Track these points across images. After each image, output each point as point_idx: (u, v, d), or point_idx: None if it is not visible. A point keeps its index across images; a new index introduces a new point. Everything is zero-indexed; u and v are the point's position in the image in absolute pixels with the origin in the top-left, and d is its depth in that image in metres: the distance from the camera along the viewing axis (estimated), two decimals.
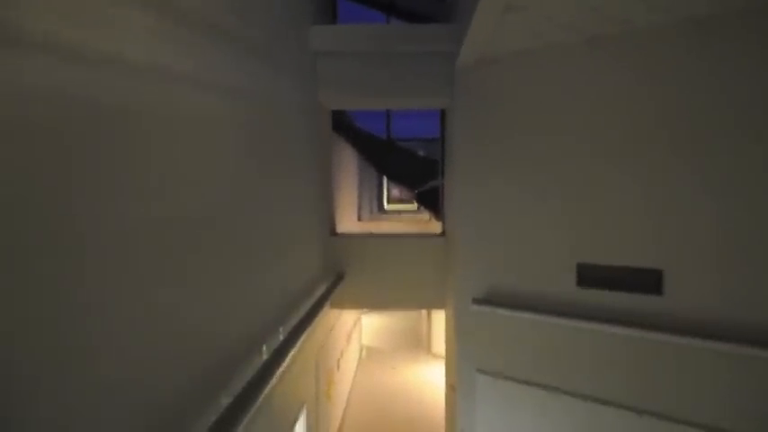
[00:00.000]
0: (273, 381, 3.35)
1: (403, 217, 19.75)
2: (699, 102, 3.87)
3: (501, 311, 5.02)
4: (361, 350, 13.87)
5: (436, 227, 8.67)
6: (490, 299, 5.17)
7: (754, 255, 3.71)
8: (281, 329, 4.18)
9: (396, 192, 25.83)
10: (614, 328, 4.28)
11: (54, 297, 1.58)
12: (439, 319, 12.06)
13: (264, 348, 3.74)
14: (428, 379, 11.84)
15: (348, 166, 12.11)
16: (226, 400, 2.89)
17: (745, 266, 3.75)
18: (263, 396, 3.11)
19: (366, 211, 16.92)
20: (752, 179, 3.68)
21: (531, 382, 4.88)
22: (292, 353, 3.87)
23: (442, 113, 7.36)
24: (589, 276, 4.52)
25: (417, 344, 14.66)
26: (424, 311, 14.04)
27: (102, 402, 1.83)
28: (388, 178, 20.43)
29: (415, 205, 20.83)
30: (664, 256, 4.11)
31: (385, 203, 24.78)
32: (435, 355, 13.08)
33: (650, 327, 4.12)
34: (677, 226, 4.02)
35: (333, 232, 7.35)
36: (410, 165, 11.76)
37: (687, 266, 4.00)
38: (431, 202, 10.28)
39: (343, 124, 9.51)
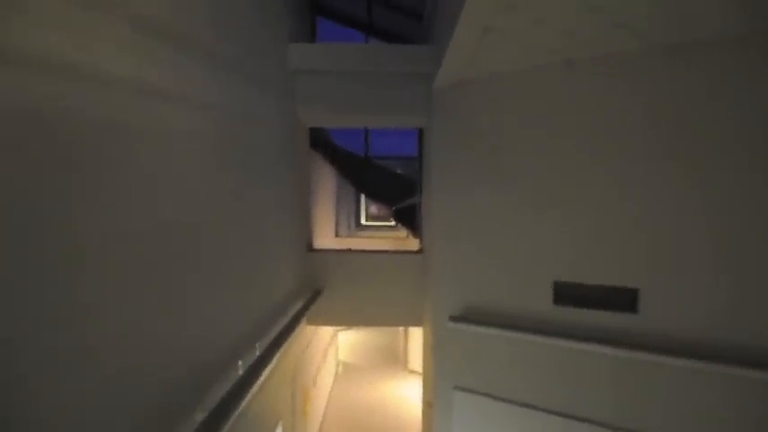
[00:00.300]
0: (249, 396, 3.34)
1: (380, 233, 19.75)
2: (676, 123, 3.97)
3: (478, 329, 5.03)
4: (337, 366, 13.77)
5: (413, 244, 8.71)
6: (467, 316, 5.19)
7: (727, 275, 3.80)
8: (257, 345, 4.17)
9: (373, 209, 25.84)
10: (590, 345, 4.32)
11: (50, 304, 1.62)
12: (416, 335, 12.03)
13: (240, 364, 3.74)
14: (405, 395, 11.78)
15: (326, 183, 12.11)
16: (200, 416, 2.88)
17: (719, 285, 3.83)
18: (238, 411, 3.10)
19: (344, 228, 16.90)
20: (726, 201, 3.78)
21: (507, 398, 4.89)
22: (268, 369, 3.86)
23: (420, 132, 7.45)
24: (566, 294, 4.56)
25: (394, 360, 14.59)
26: (401, 328, 14.01)
27: (86, 406, 1.85)
28: (365, 195, 20.43)
29: (392, 222, 20.83)
30: (639, 276, 4.17)
31: (363, 220, 24.78)
32: (412, 372, 13.02)
33: (625, 344, 4.17)
34: (653, 246, 4.10)
35: (309, 248, 7.35)
36: (388, 182, 11.80)
37: (662, 286, 4.07)
38: (408, 219, 10.33)
39: (320, 141, 9.54)
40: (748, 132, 3.67)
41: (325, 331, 10.80)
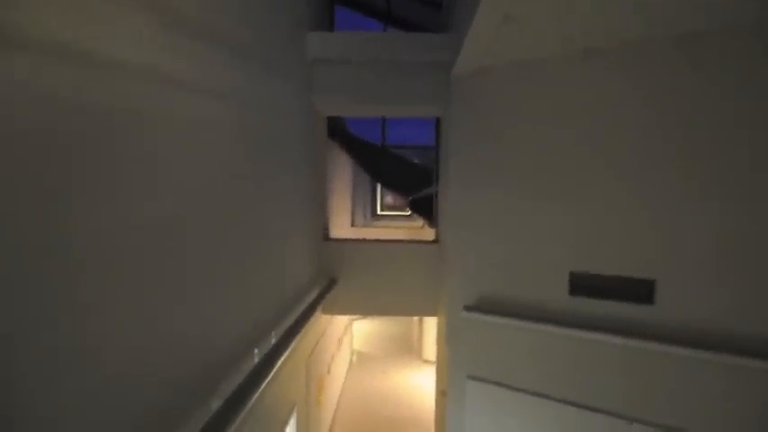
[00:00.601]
0: (264, 385, 3.35)
1: (396, 223, 19.74)
2: (692, 113, 3.92)
3: (492, 319, 5.02)
4: (352, 355, 13.83)
5: (429, 234, 8.68)
6: (482, 306, 5.18)
7: (745, 265, 3.75)
8: (273, 333, 4.19)
9: (389, 198, 25.79)
10: (605, 336, 4.30)
11: (49, 299, 1.61)
12: (430, 325, 12.02)
13: (256, 352, 3.75)
14: (419, 384, 11.82)
15: (342, 173, 12.11)
16: (216, 404, 2.89)
17: (736, 277, 3.79)
18: (253, 400, 3.12)
19: (360, 217, 16.93)
20: (744, 191, 3.73)
21: (521, 388, 4.88)
22: (284, 357, 3.88)
23: (437, 121, 7.40)
24: (581, 285, 4.53)
25: (409, 350, 14.62)
26: (415, 317, 14.01)
27: (90, 404, 1.84)
28: (382, 185, 20.40)
29: (408, 212, 20.81)
30: (656, 266, 4.13)
31: (378, 210, 24.77)
32: (426, 361, 13.03)
33: (641, 336, 4.14)
34: (670, 236, 4.05)
35: (326, 237, 7.37)
36: (404, 172, 11.76)
37: (679, 277, 4.03)
38: (424, 209, 10.28)
39: (337, 130, 9.52)
40: None
41: (340, 320, 10.85)
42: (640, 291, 4.21)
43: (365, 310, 8.22)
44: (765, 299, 3.69)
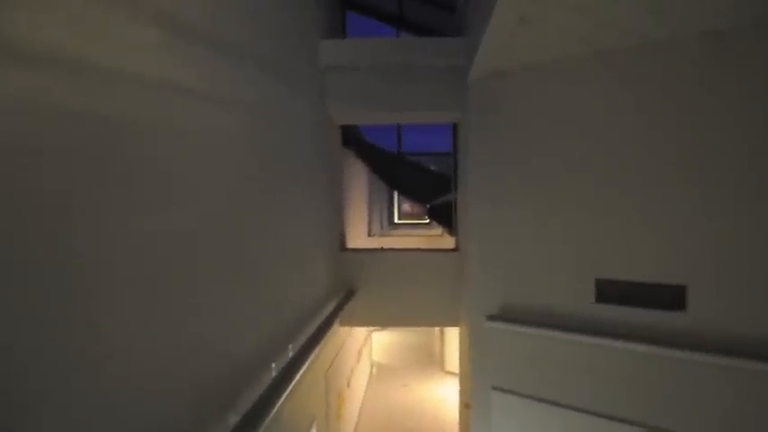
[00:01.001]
0: (283, 399, 3.31)
1: (414, 232, 19.68)
2: (717, 114, 3.80)
3: (516, 328, 4.92)
4: (371, 367, 13.71)
5: (448, 242, 8.59)
6: (505, 315, 5.08)
7: None
8: (290, 347, 4.13)
9: (406, 207, 25.77)
10: (635, 345, 4.17)
11: (59, 308, 1.57)
12: (452, 335, 11.89)
13: (273, 366, 3.70)
14: (442, 396, 11.65)
15: (358, 181, 12.08)
16: (234, 419, 2.86)
17: None
18: (272, 414, 3.08)
19: (377, 226, 16.87)
20: None
21: (547, 399, 4.76)
22: (302, 371, 3.83)
23: (454, 127, 7.32)
24: (608, 292, 4.41)
25: (430, 361, 14.46)
26: (436, 328, 13.87)
27: (106, 416, 1.79)
28: (399, 193, 20.42)
29: (426, 220, 20.77)
30: (687, 272, 3.99)
31: (396, 218, 24.75)
32: (449, 372, 12.85)
33: (672, 344, 4.00)
34: (701, 240, 3.92)
35: (343, 247, 7.30)
36: (421, 179, 11.70)
37: (712, 282, 3.88)
38: (443, 216, 10.19)
39: (352, 139, 9.48)
40: None
41: (359, 332, 10.77)
42: (671, 297, 4.07)
43: (384, 321, 8.13)
44: None
